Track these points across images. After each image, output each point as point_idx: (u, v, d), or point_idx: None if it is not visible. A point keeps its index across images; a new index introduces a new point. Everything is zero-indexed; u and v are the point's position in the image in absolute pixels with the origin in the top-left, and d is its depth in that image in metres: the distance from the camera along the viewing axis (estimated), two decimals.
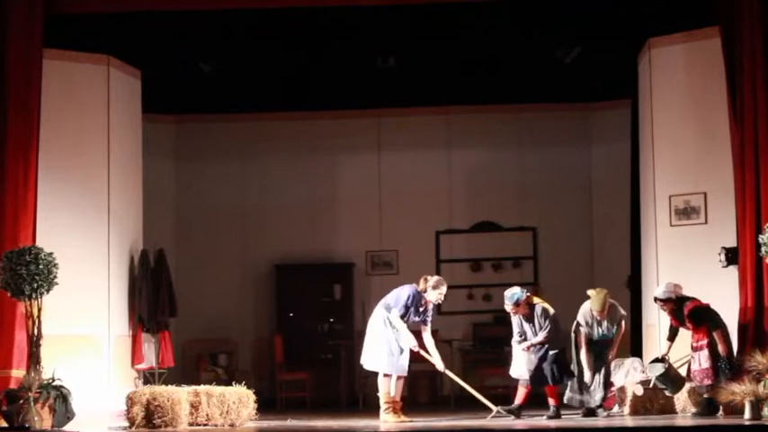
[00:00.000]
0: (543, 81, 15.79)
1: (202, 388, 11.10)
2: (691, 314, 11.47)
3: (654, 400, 11.85)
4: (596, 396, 11.68)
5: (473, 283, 16.55)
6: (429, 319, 11.65)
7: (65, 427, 10.70)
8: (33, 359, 11.00)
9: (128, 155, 13.78)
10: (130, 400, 10.71)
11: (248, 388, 11.20)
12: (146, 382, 13.40)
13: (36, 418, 10.52)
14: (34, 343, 11.02)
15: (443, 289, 11.60)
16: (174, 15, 12.81)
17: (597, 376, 11.70)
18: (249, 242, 16.68)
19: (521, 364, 11.73)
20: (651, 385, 11.78)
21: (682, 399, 11.72)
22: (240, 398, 11.08)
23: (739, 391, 10.84)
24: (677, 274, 12.68)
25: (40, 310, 11.03)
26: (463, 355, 15.61)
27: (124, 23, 13.06)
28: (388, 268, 16.58)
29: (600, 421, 11.31)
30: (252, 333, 16.51)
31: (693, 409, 11.58)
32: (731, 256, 12.18)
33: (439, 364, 11.69)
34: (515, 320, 11.77)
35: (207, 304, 16.19)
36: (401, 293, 11.59)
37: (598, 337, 11.73)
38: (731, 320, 12.00)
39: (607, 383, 11.74)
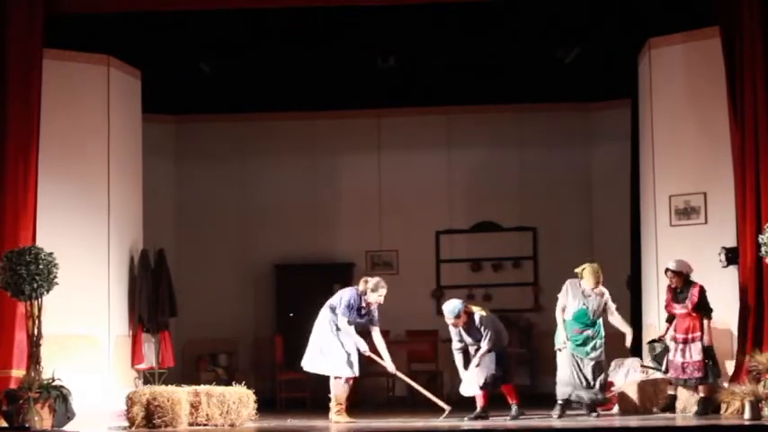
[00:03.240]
0: (543, 81, 15.80)
1: (202, 388, 11.09)
2: (700, 292, 11.50)
3: (653, 399, 11.85)
4: (586, 395, 11.60)
5: (473, 283, 16.56)
6: (375, 319, 11.74)
7: (65, 427, 10.70)
8: (33, 359, 11.00)
9: (128, 155, 13.78)
10: (130, 400, 10.70)
11: (248, 388, 11.19)
12: (146, 382, 13.40)
13: (36, 418, 10.52)
14: (34, 343, 11.02)
15: (383, 291, 11.67)
16: (174, 15, 12.82)
17: (589, 372, 11.62)
18: (249, 242, 16.68)
19: (471, 383, 11.62)
20: (649, 362, 11.83)
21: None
22: (240, 398, 11.07)
23: (739, 391, 10.85)
24: None
25: (40, 310, 11.03)
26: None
27: (124, 23, 13.06)
28: (388, 268, 16.57)
29: (600, 421, 11.30)
30: (252, 333, 16.52)
31: (694, 409, 11.59)
32: (731, 256, 12.19)
33: (390, 366, 11.76)
34: (455, 332, 11.72)
35: (207, 304, 16.19)
36: (343, 295, 11.70)
37: (575, 314, 11.63)
38: (731, 320, 12.02)
39: (604, 383, 11.67)
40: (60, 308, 11.63)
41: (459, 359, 11.75)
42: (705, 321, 11.49)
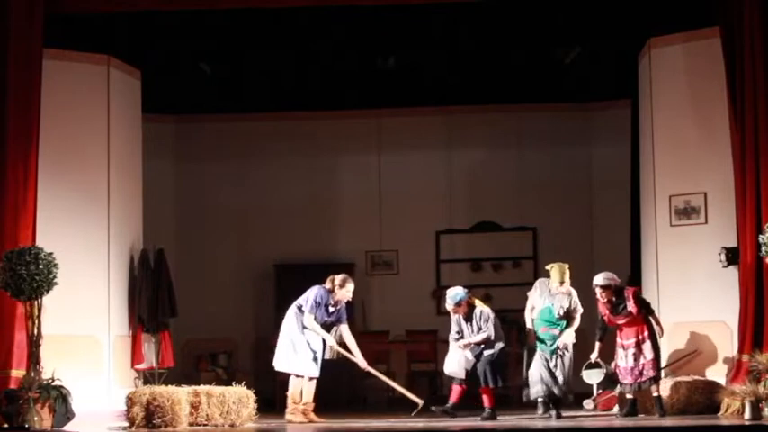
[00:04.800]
0: (543, 81, 15.80)
1: (202, 388, 11.10)
2: (636, 295, 11.57)
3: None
4: (554, 389, 11.65)
5: (473, 283, 16.52)
6: (344, 316, 11.81)
7: (65, 427, 10.70)
8: (33, 359, 11.00)
9: (128, 155, 13.78)
10: (130, 400, 10.71)
11: (248, 388, 11.20)
12: (146, 382, 13.39)
13: (36, 418, 10.52)
14: (34, 343, 11.02)
15: (350, 287, 11.75)
16: (174, 15, 12.82)
17: (557, 369, 11.66)
18: (249, 242, 16.68)
19: (455, 362, 11.68)
20: (595, 394, 11.86)
21: (682, 399, 11.71)
22: (240, 398, 11.08)
23: (739, 391, 10.85)
24: (677, 273, 12.71)
25: (39, 310, 11.03)
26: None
27: (124, 23, 13.07)
28: (388, 268, 16.59)
29: (600, 422, 11.31)
30: (252, 333, 16.50)
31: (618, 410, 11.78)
32: (731, 256, 12.19)
33: (361, 362, 11.79)
34: (454, 319, 11.83)
35: (207, 304, 16.18)
36: (309, 293, 11.76)
37: (541, 312, 11.75)
38: (731, 320, 12.02)
39: (568, 380, 11.68)
40: (60, 308, 11.64)
41: (453, 342, 11.80)
42: (652, 318, 11.60)
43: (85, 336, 12.76)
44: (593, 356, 11.77)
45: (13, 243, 11.45)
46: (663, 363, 12.30)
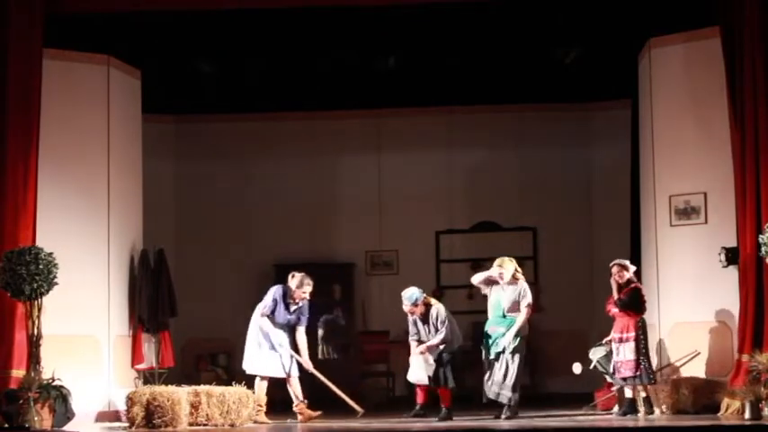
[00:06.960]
0: (543, 81, 15.80)
1: (202, 388, 11.12)
2: (634, 291, 11.65)
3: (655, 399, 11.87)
4: (492, 389, 11.67)
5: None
6: (303, 317, 11.94)
7: (65, 427, 10.71)
8: (33, 359, 11.01)
9: (128, 155, 13.77)
10: (130, 400, 10.73)
11: (248, 388, 11.21)
12: (146, 382, 13.38)
13: (36, 418, 10.53)
14: (34, 343, 11.03)
15: (307, 288, 11.88)
16: (174, 15, 12.82)
17: (499, 371, 11.68)
18: (249, 242, 16.68)
19: (418, 369, 11.76)
20: (591, 366, 11.93)
21: (682, 399, 11.71)
22: (240, 398, 11.10)
23: (739, 391, 10.86)
24: (677, 274, 12.70)
25: (39, 310, 11.04)
26: (463, 355, 15.59)
27: (124, 23, 13.07)
28: (388, 268, 16.58)
29: (599, 421, 11.32)
30: None
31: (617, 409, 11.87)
32: (731, 256, 12.18)
33: (306, 364, 11.93)
34: (411, 320, 11.90)
35: (207, 304, 16.18)
36: (268, 292, 11.92)
37: (493, 305, 11.84)
38: (731, 320, 12.02)
39: (515, 383, 11.67)
40: (60, 308, 11.64)
41: (414, 346, 11.87)
42: (638, 324, 11.64)
43: (85, 336, 12.75)
44: (606, 339, 11.93)
45: (13, 243, 11.46)
46: (663, 363, 12.33)
